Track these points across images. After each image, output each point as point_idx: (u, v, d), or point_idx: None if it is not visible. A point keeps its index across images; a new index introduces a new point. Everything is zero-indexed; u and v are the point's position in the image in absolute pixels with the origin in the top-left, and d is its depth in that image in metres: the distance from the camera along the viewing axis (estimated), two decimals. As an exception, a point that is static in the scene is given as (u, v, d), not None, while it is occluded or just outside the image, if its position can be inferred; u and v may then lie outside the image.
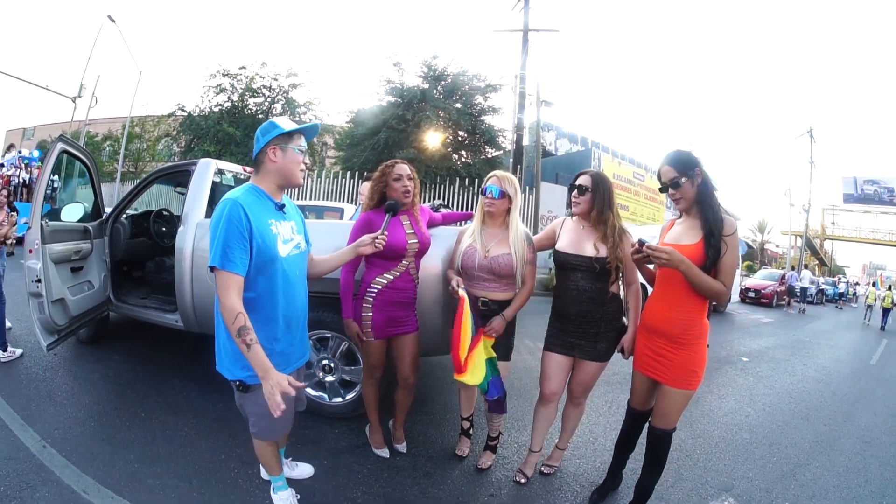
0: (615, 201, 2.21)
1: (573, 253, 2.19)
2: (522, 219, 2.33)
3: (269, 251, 1.64)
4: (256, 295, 1.64)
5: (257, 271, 1.63)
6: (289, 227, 1.78)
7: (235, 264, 1.54)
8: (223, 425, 2.71)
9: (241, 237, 1.56)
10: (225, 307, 1.53)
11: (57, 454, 2.32)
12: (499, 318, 2.22)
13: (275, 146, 1.69)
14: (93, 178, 3.64)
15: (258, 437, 1.84)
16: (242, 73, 16.86)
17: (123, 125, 19.84)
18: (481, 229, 2.30)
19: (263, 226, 1.64)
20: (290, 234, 1.77)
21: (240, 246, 1.56)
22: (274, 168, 1.71)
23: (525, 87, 12.55)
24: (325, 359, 2.85)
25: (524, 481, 2.40)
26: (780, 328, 10.14)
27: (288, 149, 1.70)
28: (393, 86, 14.44)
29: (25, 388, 3.06)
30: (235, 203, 1.58)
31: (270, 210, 1.72)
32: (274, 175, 1.72)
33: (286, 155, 1.70)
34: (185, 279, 2.96)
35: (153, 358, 3.75)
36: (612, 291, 2.19)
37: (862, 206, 32.39)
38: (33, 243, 2.85)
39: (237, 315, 1.51)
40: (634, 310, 2.19)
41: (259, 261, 1.62)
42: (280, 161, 1.70)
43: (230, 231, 1.54)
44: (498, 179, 2.25)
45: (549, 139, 21.18)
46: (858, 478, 2.93)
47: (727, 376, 5.11)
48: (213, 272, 1.56)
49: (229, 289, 1.53)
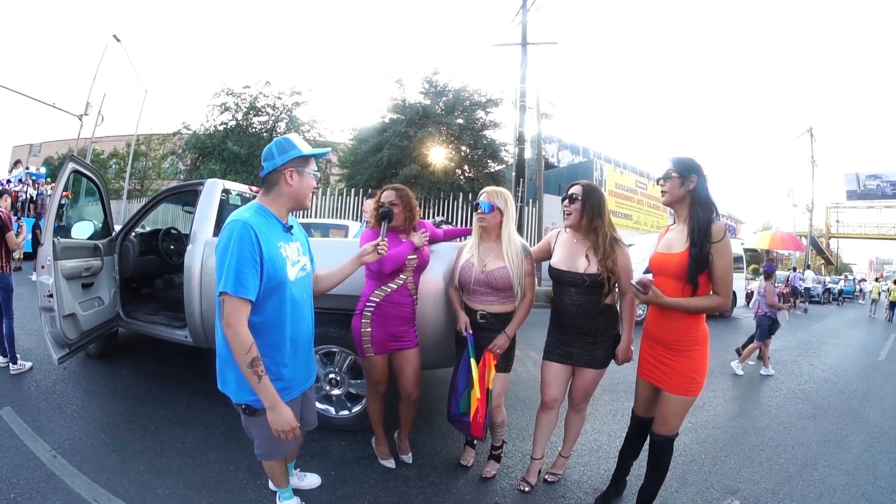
0: (607, 211, 2.25)
1: (566, 269, 2.23)
2: (526, 231, 2.40)
3: (279, 276, 1.60)
4: (264, 319, 1.60)
5: (266, 296, 1.58)
6: (296, 248, 1.75)
7: (248, 290, 1.49)
8: (231, 437, 2.75)
9: (254, 262, 1.50)
10: (237, 336, 1.48)
11: (67, 464, 2.36)
12: (502, 336, 2.27)
13: (292, 169, 1.64)
14: (102, 196, 3.73)
15: (263, 458, 1.83)
16: (246, 91, 17.14)
17: (129, 143, 20.12)
18: (479, 244, 2.34)
19: (274, 249, 1.59)
20: (297, 256, 1.73)
21: (252, 270, 1.50)
22: (289, 191, 1.66)
23: (525, 101, 12.69)
24: (331, 373, 2.89)
25: (528, 490, 2.41)
26: (787, 329, 9.99)
27: (305, 173, 1.67)
28: (395, 102, 14.65)
29: (36, 401, 3.12)
30: (246, 225, 1.51)
31: (279, 232, 1.67)
32: (287, 198, 1.68)
33: (303, 179, 1.66)
34: (194, 296, 3.02)
35: (162, 373, 3.81)
36: (606, 303, 2.22)
37: (865, 201, 32.15)
38: (46, 259, 2.94)
39: (250, 346, 1.48)
40: (628, 319, 2.25)
41: (269, 286, 1.57)
42: (296, 185, 1.66)
43: (243, 255, 1.48)
44: (488, 195, 2.31)
45: (551, 151, 21.33)
46: (868, 475, 2.93)
47: (733, 380, 5.10)
48: (221, 297, 1.50)
49: (240, 316, 1.48)
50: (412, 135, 13.77)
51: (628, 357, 2.27)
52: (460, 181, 14.08)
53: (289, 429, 1.55)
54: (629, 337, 2.25)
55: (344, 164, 16.42)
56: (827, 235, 35.25)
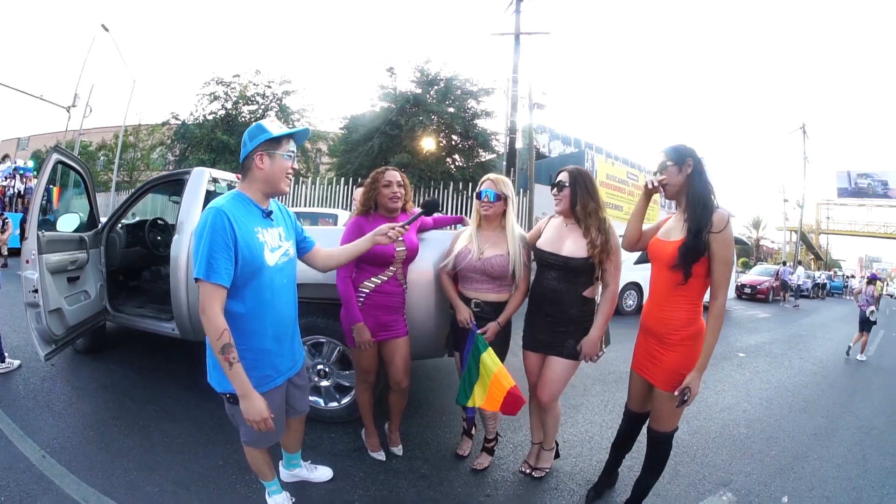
0: (600, 194, 2.18)
1: (549, 251, 2.19)
2: (517, 221, 2.36)
3: (256, 261, 1.60)
4: (244, 306, 1.61)
5: (244, 282, 1.59)
6: (276, 234, 1.74)
7: (220, 275, 1.50)
8: (220, 432, 2.71)
9: (226, 247, 1.52)
10: (210, 321, 1.49)
11: (56, 464, 2.32)
12: (493, 325, 2.25)
13: (262, 152, 1.63)
14: (88, 188, 3.65)
15: (250, 445, 1.84)
16: (236, 80, 16.94)
17: (117, 134, 19.83)
18: (477, 232, 2.31)
19: (249, 234, 1.59)
20: (277, 242, 1.73)
21: (224, 256, 1.51)
22: (261, 175, 1.65)
23: (517, 90, 12.63)
24: (319, 364, 2.85)
25: (528, 471, 2.46)
26: (777, 323, 10.17)
27: (276, 155, 1.65)
28: (386, 91, 14.53)
29: (24, 399, 3.07)
30: (219, 212, 1.53)
31: (257, 218, 1.67)
32: (260, 182, 1.67)
33: (274, 162, 1.65)
34: (180, 288, 2.97)
35: (150, 367, 3.75)
36: (584, 294, 2.16)
37: (856, 199, 32.64)
38: (30, 253, 2.86)
39: (222, 332, 1.49)
40: (603, 313, 2.14)
41: (246, 271, 1.58)
42: (267, 168, 1.64)
43: (214, 241, 1.50)
44: (493, 182, 2.26)
45: (543, 141, 21.32)
46: (858, 468, 2.96)
47: (723, 372, 5.13)
48: (197, 283, 1.52)
49: (213, 301, 1.50)
50: (403, 123, 13.67)
51: (593, 352, 2.14)
52: (451, 170, 14.02)
53: (259, 419, 1.54)
54: (600, 331, 2.12)
55: (334, 153, 16.29)
56: (817, 231, 35.66)
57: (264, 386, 1.68)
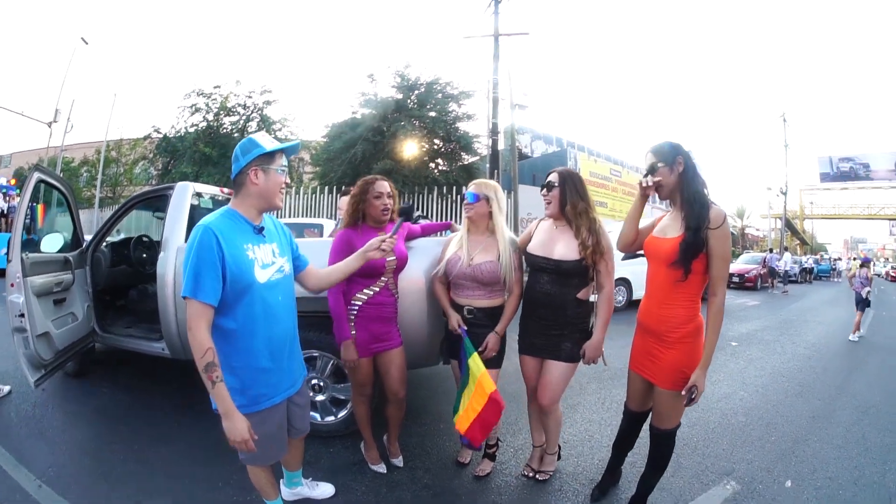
0: (589, 194, 2.18)
1: (540, 255, 2.18)
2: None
3: (246, 278, 1.58)
4: (236, 324, 1.59)
5: (234, 299, 1.57)
6: (269, 250, 1.71)
7: (207, 294, 1.50)
8: (218, 452, 2.64)
9: (213, 265, 1.51)
10: (195, 339, 1.48)
11: (53, 493, 2.26)
12: (493, 336, 2.24)
13: (256, 167, 1.61)
14: (71, 206, 3.57)
15: (248, 463, 1.81)
16: (217, 91, 16.78)
17: (99, 150, 19.54)
18: (467, 237, 2.30)
19: (238, 252, 1.58)
20: (270, 258, 1.69)
21: (211, 274, 1.50)
22: (256, 191, 1.63)
23: (498, 92, 12.64)
24: (314, 378, 2.82)
25: (532, 474, 2.44)
26: (767, 310, 10.29)
27: (270, 170, 1.63)
28: (367, 98, 14.47)
29: (16, 427, 2.98)
30: (207, 229, 1.52)
31: (248, 234, 1.64)
32: (255, 198, 1.65)
33: (268, 177, 1.63)
34: (168, 306, 2.91)
35: (142, 388, 3.68)
36: (578, 297, 2.14)
37: (839, 183, 33.20)
38: (14, 276, 2.79)
39: (206, 350, 1.48)
40: (602, 316, 2.14)
41: (235, 288, 1.56)
42: (262, 183, 1.62)
43: (202, 259, 1.50)
44: (476, 185, 2.29)
45: (525, 142, 21.42)
46: (858, 447, 2.99)
47: (718, 362, 5.15)
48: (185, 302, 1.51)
49: (200, 319, 1.49)
50: (385, 130, 13.61)
51: (597, 355, 2.14)
52: (434, 174, 14.00)
53: (240, 440, 1.52)
54: (602, 334, 2.12)
55: (317, 162, 16.15)
56: (801, 217, 36.21)
57: (260, 404, 1.65)
